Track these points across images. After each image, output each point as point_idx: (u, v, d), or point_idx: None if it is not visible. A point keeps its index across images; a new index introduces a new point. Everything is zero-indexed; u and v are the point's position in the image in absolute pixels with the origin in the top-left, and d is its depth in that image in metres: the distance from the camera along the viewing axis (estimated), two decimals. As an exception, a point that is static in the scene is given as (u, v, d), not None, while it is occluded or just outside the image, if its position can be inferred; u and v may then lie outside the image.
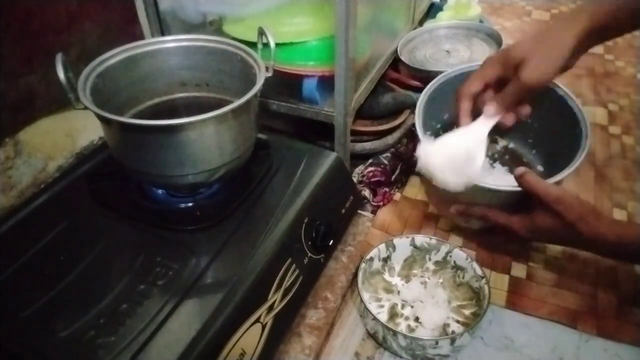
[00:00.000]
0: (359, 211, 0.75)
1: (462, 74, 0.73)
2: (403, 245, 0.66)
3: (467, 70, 0.72)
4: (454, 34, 1.04)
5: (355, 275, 0.64)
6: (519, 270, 0.69)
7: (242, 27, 0.71)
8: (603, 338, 0.60)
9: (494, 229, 0.65)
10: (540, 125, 0.75)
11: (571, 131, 0.67)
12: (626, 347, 0.59)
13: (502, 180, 0.72)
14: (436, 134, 0.77)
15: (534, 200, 0.58)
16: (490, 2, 1.52)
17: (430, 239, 0.65)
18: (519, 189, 0.59)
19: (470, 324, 0.58)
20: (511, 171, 0.77)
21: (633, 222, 0.74)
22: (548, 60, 0.58)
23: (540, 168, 0.77)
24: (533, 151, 0.78)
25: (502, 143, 0.81)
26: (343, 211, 0.67)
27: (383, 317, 0.59)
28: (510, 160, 0.79)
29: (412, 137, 0.86)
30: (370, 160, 0.82)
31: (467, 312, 0.61)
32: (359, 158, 0.82)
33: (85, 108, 0.49)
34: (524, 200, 0.60)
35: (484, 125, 0.63)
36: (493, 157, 0.79)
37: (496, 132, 0.76)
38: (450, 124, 0.77)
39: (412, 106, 0.87)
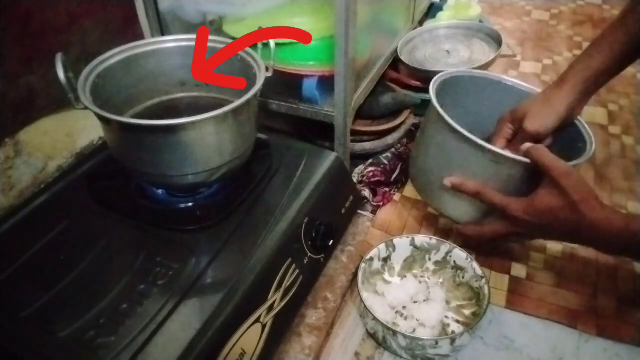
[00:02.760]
0: (359, 211, 0.75)
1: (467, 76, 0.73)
2: (403, 245, 0.66)
3: (469, 74, 0.73)
4: (454, 34, 1.04)
5: (355, 275, 0.64)
6: (519, 270, 0.69)
7: (242, 27, 0.70)
8: (603, 338, 0.60)
9: (488, 213, 0.63)
10: None
11: (572, 145, 0.66)
12: (626, 347, 0.59)
13: None
14: None
15: (538, 176, 0.56)
16: (490, 2, 1.52)
17: (430, 239, 0.65)
18: (526, 160, 0.57)
19: (470, 324, 0.58)
20: None
21: (636, 214, 0.73)
22: (543, 115, 0.65)
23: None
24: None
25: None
26: (343, 211, 0.67)
27: (383, 317, 0.59)
28: None
29: (412, 137, 0.86)
30: (370, 160, 0.82)
31: (467, 312, 0.61)
32: (359, 158, 0.82)
33: (85, 108, 0.49)
34: (522, 183, 0.58)
35: None
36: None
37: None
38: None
39: (412, 106, 0.87)
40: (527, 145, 0.58)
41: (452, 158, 0.63)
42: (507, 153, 0.59)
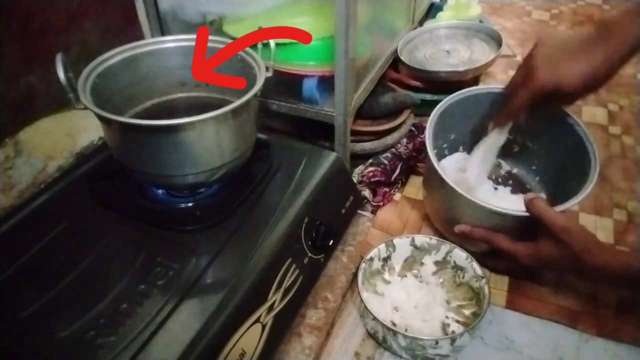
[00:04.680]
0: (359, 211, 0.75)
1: (471, 95, 0.74)
2: (403, 245, 0.66)
3: (475, 93, 0.74)
4: (454, 34, 1.04)
5: (355, 275, 0.64)
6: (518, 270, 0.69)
7: (242, 27, 0.70)
8: (603, 338, 0.60)
9: (498, 253, 0.65)
10: (547, 152, 0.75)
11: (579, 161, 0.66)
12: (626, 347, 0.59)
13: (507, 201, 0.70)
14: (441, 153, 0.78)
15: (540, 227, 0.58)
16: (490, 2, 1.52)
17: (430, 239, 0.65)
18: (526, 214, 0.58)
19: (470, 324, 0.58)
20: (514, 191, 0.76)
21: (636, 251, 0.73)
22: (568, 67, 0.60)
23: (543, 195, 0.75)
24: (537, 178, 0.77)
25: (505, 168, 0.80)
26: (343, 211, 0.67)
27: (383, 317, 0.59)
28: (513, 185, 0.78)
29: (411, 137, 0.86)
30: (370, 160, 0.82)
31: (467, 312, 0.61)
32: (359, 158, 0.82)
33: (85, 108, 0.49)
34: (529, 228, 0.59)
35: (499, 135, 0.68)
36: (497, 181, 0.78)
37: (500, 157, 0.76)
38: (456, 144, 0.78)
39: (411, 106, 0.87)
40: (530, 195, 0.59)
41: (458, 209, 0.65)
42: (506, 210, 0.60)
